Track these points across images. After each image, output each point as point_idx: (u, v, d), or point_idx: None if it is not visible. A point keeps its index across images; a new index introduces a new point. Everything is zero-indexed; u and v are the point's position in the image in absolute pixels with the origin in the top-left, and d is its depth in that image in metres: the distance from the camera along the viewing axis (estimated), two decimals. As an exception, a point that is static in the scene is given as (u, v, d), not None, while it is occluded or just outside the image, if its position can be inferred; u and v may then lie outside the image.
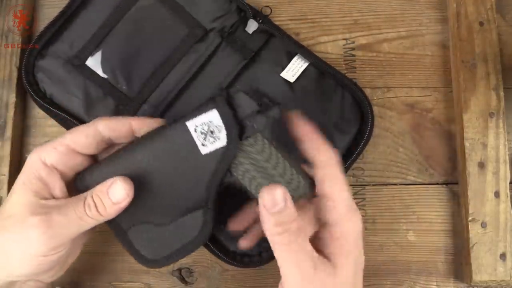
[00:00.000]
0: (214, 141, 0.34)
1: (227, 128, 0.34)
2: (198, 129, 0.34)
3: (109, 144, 0.38)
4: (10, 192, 0.35)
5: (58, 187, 0.35)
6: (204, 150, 0.35)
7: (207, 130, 0.34)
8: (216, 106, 0.34)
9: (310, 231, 0.34)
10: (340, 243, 0.33)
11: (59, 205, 0.34)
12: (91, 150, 0.36)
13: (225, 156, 0.35)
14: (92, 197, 0.34)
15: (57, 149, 0.35)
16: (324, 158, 0.35)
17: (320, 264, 0.32)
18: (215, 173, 0.35)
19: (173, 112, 0.47)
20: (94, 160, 0.38)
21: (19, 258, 0.34)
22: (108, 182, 0.34)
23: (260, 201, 0.32)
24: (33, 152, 0.35)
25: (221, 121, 0.34)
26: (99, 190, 0.34)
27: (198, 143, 0.34)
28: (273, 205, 0.31)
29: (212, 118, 0.34)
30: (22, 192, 0.35)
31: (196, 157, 0.35)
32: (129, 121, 0.37)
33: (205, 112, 0.34)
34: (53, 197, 0.35)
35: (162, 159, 0.35)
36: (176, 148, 0.35)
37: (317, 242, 0.34)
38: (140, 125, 0.37)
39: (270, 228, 0.32)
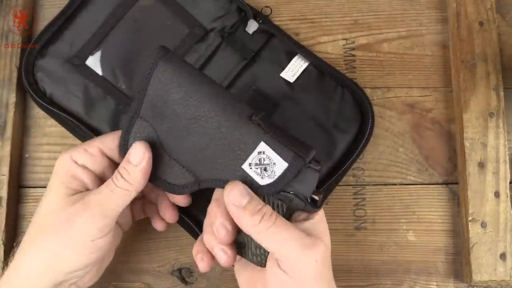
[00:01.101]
0: (258, 174, 0.35)
1: (274, 183, 0.35)
2: (261, 156, 0.35)
3: None
4: (45, 194, 0.38)
5: (91, 183, 0.38)
6: (245, 167, 0.35)
7: (264, 164, 0.35)
8: (291, 163, 0.34)
9: None
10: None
11: (92, 191, 0.37)
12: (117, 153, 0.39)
13: (251, 186, 0.35)
14: (118, 170, 0.37)
15: (87, 151, 0.38)
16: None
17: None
18: (219, 181, 0.36)
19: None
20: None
21: (69, 251, 0.36)
22: (129, 150, 0.37)
23: (228, 200, 0.34)
24: (64, 153, 0.38)
25: (280, 174, 0.35)
26: (123, 161, 0.37)
27: (249, 160, 0.35)
28: (242, 198, 0.34)
29: (279, 164, 0.34)
30: (58, 190, 0.37)
31: (234, 160, 0.36)
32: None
33: (281, 154, 0.34)
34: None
35: (214, 126, 0.36)
36: (233, 136, 0.35)
37: None
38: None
39: (249, 221, 0.33)
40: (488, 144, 0.47)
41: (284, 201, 0.35)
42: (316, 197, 0.35)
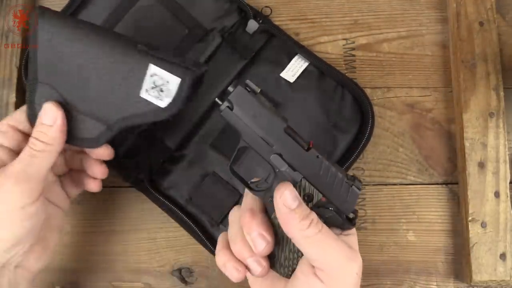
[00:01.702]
0: (156, 97, 0.37)
1: (173, 100, 0.37)
2: (154, 78, 0.36)
3: None
4: None
5: (9, 158, 0.37)
6: (143, 94, 0.37)
7: (159, 85, 0.36)
8: (183, 77, 0.37)
9: None
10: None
11: (12, 163, 0.36)
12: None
13: (155, 113, 0.37)
14: (32, 136, 0.37)
15: (1, 130, 0.37)
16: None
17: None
18: (137, 116, 0.38)
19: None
20: None
21: (7, 220, 0.35)
22: (40, 112, 0.37)
23: (279, 201, 0.33)
24: None
25: (175, 90, 0.37)
26: (36, 125, 0.37)
27: (144, 86, 0.37)
28: (293, 201, 0.33)
29: (172, 81, 0.36)
30: None
31: (132, 91, 0.37)
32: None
33: (172, 73, 0.37)
34: None
35: (106, 65, 0.37)
36: (123, 68, 0.37)
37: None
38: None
39: (298, 225, 0.33)
40: (488, 144, 0.47)
41: (321, 215, 0.35)
42: (353, 215, 0.36)
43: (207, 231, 0.46)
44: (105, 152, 0.40)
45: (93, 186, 0.43)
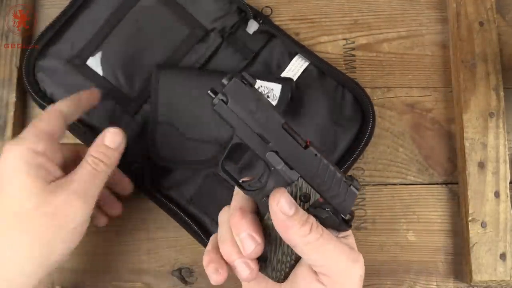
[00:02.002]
0: None
1: (279, 102, 0.44)
2: (261, 89, 0.44)
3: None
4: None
5: (55, 169, 0.36)
6: None
7: (266, 93, 0.44)
8: (283, 84, 0.45)
9: None
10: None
11: (72, 179, 0.36)
12: (62, 132, 0.38)
13: None
14: (92, 155, 0.37)
15: (41, 138, 0.36)
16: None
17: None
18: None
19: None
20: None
21: (62, 242, 0.35)
22: (105, 134, 0.38)
23: (276, 209, 0.32)
24: (15, 145, 0.35)
25: (279, 94, 0.45)
26: (98, 146, 0.38)
27: None
28: (290, 207, 0.32)
29: (275, 88, 0.44)
30: (27, 184, 0.34)
31: None
32: (79, 96, 0.41)
33: (274, 82, 0.45)
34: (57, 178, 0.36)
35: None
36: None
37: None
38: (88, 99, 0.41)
39: (298, 231, 0.32)
40: (488, 144, 0.47)
41: (317, 216, 0.34)
42: (349, 216, 0.35)
43: (208, 231, 0.46)
44: (129, 185, 0.42)
45: (102, 221, 0.43)
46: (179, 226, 0.46)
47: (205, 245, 0.45)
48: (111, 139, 0.38)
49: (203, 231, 0.45)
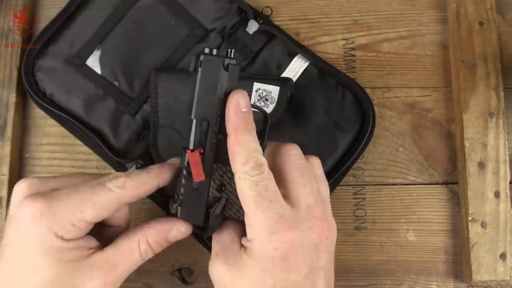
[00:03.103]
0: (262, 106, 0.45)
1: (277, 104, 0.45)
2: (259, 92, 0.45)
3: None
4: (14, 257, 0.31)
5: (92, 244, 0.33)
6: None
7: (264, 96, 0.45)
8: (281, 86, 0.45)
9: None
10: (248, 257, 0.32)
11: (114, 266, 0.33)
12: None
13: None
14: (150, 244, 0.34)
15: (76, 226, 0.31)
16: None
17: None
18: None
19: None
20: None
21: None
22: (167, 227, 0.34)
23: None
24: (38, 220, 0.30)
25: (277, 96, 0.45)
26: (157, 235, 0.34)
27: (251, 100, 0.45)
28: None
29: (273, 90, 0.45)
30: (54, 265, 0.31)
31: None
32: (156, 183, 0.35)
33: (272, 84, 0.45)
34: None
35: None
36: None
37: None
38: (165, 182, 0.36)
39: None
40: (488, 144, 0.47)
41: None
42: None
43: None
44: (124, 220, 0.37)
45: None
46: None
47: (204, 244, 0.45)
48: (175, 235, 0.35)
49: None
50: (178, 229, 0.35)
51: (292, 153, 0.34)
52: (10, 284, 0.31)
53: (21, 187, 0.32)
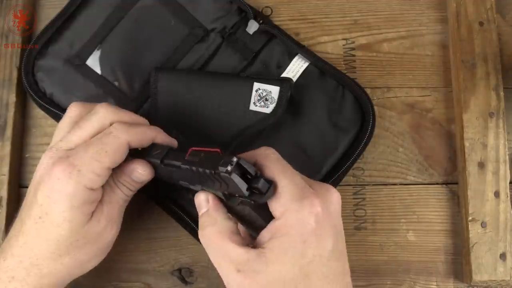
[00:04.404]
0: (262, 106, 0.45)
1: (277, 104, 0.45)
2: (259, 92, 0.45)
3: None
4: (47, 213, 0.35)
5: (100, 195, 0.37)
6: (251, 107, 0.45)
7: (264, 96, 0.45)
8: (281, 86, 0.45)
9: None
10: (279, 240, 0.31)
11: (108, 207, 0.38)
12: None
13: (264, 119, 0.45)
14: (124, 185, 0.39)
15: (101, 176, 0.35)
16: (262, 151, 0.35)
17: (245, 263, 0.31)
18: (249, 127, 0.45)
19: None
20: None
21: (97, 258, 0.40)
22: (130, 169, 0.38)
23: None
24: (69, 178, 0.34)
25: (277, 96, 0.45)
26: (125, 176, 0.38)
27: (252, 100, 0.45)
28: (200, 208, 0.36)
29: (274, 90, 0.45)
30: (76, 217, 0.35)
31: (242, 108, 0.45)
32: (154, 134, 0.39)
33: (272, 84, 0.45)
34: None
35: (217, 96, 0.45)
36: (232, 92, 0.45)
37: (261, 238, 0.33)
38: (162, 139, 0.39)
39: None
40: (488, 144, 0.47)
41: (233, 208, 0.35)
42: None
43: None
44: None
45: None
46: (179, 226, 0.46)
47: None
48: (138, 175, 0.39)
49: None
50: (138, 172, 0.38)
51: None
52: (33, 241, 0.35)
53: (45, 159, 0.36)
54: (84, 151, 0.35)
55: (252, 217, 0.34)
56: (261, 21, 0.48)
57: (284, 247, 0.31)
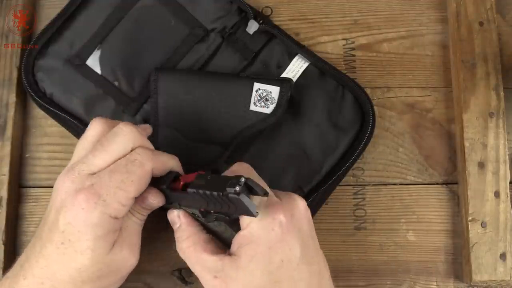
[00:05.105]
0: (263, 106, 0.45)
1: (277, 104, 0.45)
2: (259, 92, 0.45)
3: None
4: (75, 241, 0.34)
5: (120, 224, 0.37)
6: (252, 107, 0.45)
7: (264, 96, 0.45)
8: (281, 86, 0.45)
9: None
10: (247, 247, 0.33)
11: (127, 237, 0.38)
12: None
13: (264, 120, 0.45)
14: (139, 213, 0.38)
15: (126, 206, 0.35)
16: (236, 167, 0.37)
17: (221, 270, 0.34)
18: (249, 128, 0.45)
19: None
20: None
21: (114, 286, 0.39)
22: (144, 196, 0.37)
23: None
24: (94, 207, 0.33)
25: (277, 96, 0.45)
26: (142, 203, 0.38)
27: (252, 100, 0.45)
28: (173, 224, 0.38)
29: (274, 90, 0.45)
30: (100, 246, 0.35)
31: (243, 108, 0.45)
32: (173, 163, 0.39)
33: (272, 84, 0.45)
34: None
35: (217, 97, 0.45)
36: (232, 92, 0.45)
37: (232, 247, 0.35)
38: (178, 168, 0.39)
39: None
40: (488, 144, 0.47)
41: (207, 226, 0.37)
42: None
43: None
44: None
45: None
46: (179, 226, 0.46)
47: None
48: (152, 202, 0.38)
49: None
50: (152, 195, 0.38)
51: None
52: (55, 265, 0.34)
53: (67, 182, 0.35)
54: (109, 179, 0.34)
55: (227, 232, 0.36)
56: (261, 21, 0.48)
57: (251, 254, 0.33)
